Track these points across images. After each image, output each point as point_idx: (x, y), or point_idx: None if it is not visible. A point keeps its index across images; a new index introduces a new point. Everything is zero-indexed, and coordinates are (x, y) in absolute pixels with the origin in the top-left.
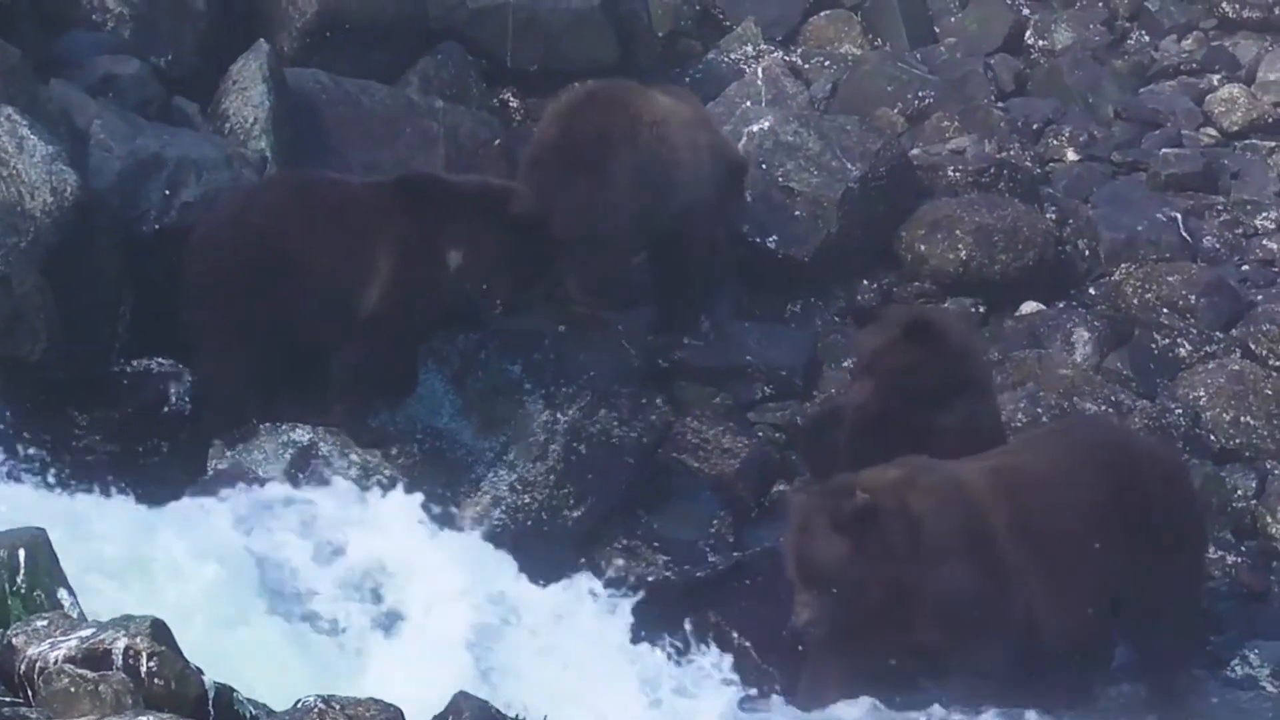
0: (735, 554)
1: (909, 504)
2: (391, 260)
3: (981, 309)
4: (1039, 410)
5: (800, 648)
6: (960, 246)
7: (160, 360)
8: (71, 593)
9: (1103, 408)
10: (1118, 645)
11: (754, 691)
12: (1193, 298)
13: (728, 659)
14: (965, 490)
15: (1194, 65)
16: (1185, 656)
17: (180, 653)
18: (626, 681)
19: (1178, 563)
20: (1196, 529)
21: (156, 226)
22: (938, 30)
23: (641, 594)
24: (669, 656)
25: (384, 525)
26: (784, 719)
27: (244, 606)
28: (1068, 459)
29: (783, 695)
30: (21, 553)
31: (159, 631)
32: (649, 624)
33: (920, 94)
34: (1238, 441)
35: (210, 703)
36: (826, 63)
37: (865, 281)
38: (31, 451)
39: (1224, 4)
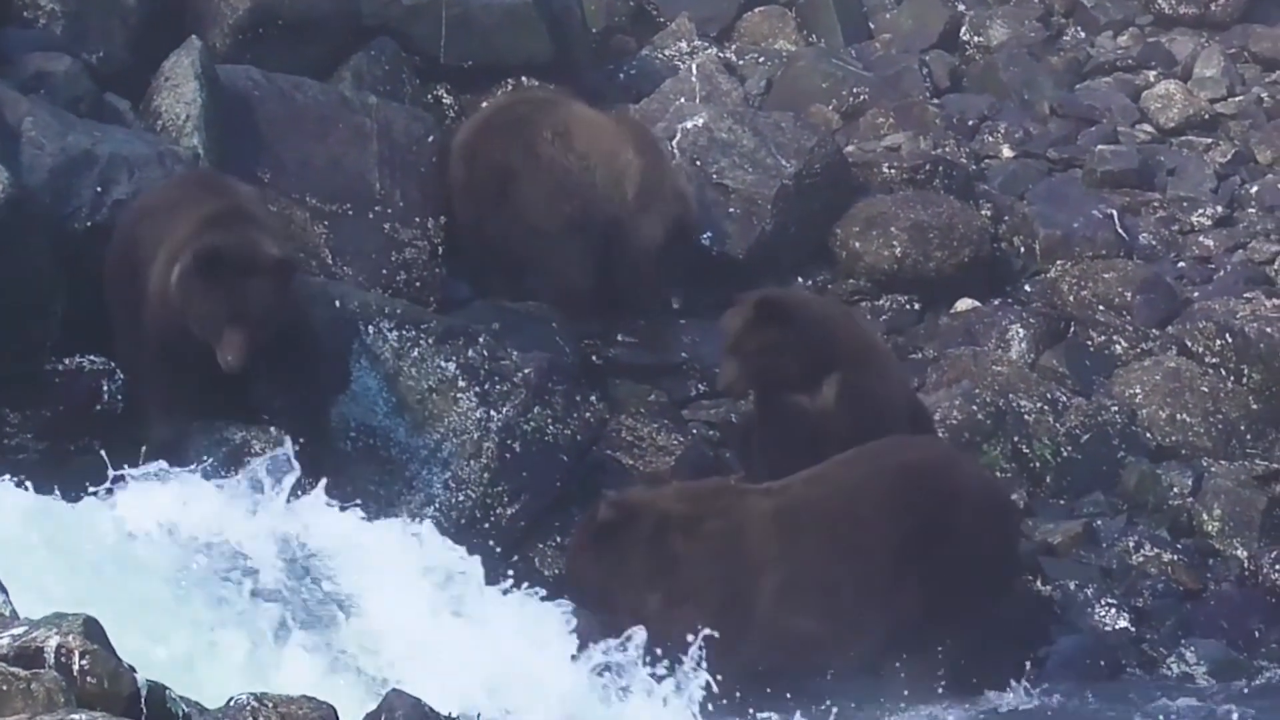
0: None
1: (662, 526)
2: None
3: (917, 306)
4: (974, 408)
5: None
6: (895, 243)
7: (93, 358)
8: (3, 590)
9: (1039, 405)
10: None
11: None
12: (1129, 295)
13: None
14: (751, 535)
15: (1130, 62)
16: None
17: (113, 651)
18: (560, 677)
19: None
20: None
21: (88, 224)
22: (873, 26)
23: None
24: (602, 652)
25: (317, 523)
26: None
27: (176, 603)
28: (865, 493)
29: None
30: None
31: (91, 630)
32: (582, 622)
33: (855, 90)
34: (1174, 439)
35: (143, 701)
36: (761, 59)
37: (800, 279)
38: None
39: (1160, 0)
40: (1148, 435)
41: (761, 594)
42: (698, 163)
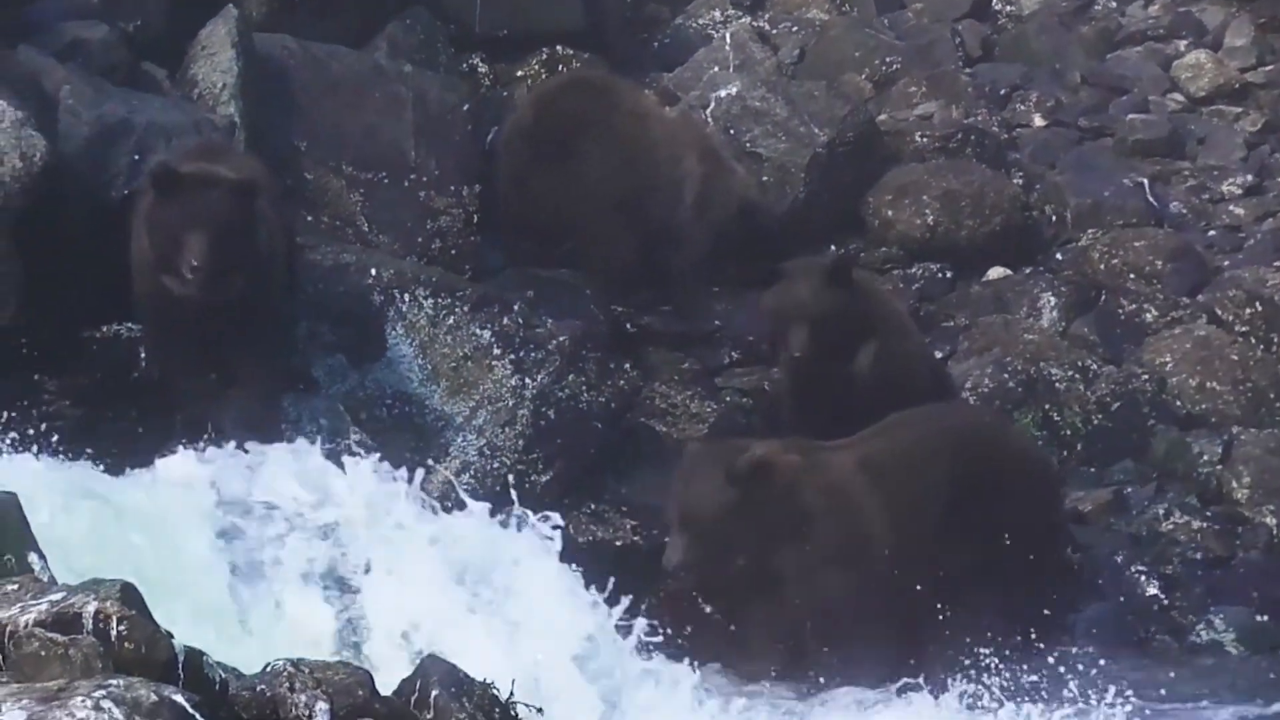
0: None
1: (800, 485)
2: None
3: (948, 274)
4: (1005, 376)
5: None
6: (927, 212)
7: (129, 325)
8: (42, 557)
9: (1069, 373)
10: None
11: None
12: (1159, 263)
13: (694, 623)
14: (847, 485)
15: (1161, 31)
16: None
17: (150, 616)
18: (593, 644)
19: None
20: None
21: (125, 192)
22: None
23: (608, 557)
24: (634, 620)
25: (351, 489)
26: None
27: (213, 569)
28: (929, 446)
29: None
30: None
31: (129, 595)
32: (615, 588)
33: (887, 59)
34: (1203, 407)
35: (180, 666)
36: (794, 28)
37: (832, 247)
38: (1, 416)
39: None
40: (1177, 403)
41: (873, 546)
42: (731, 131)
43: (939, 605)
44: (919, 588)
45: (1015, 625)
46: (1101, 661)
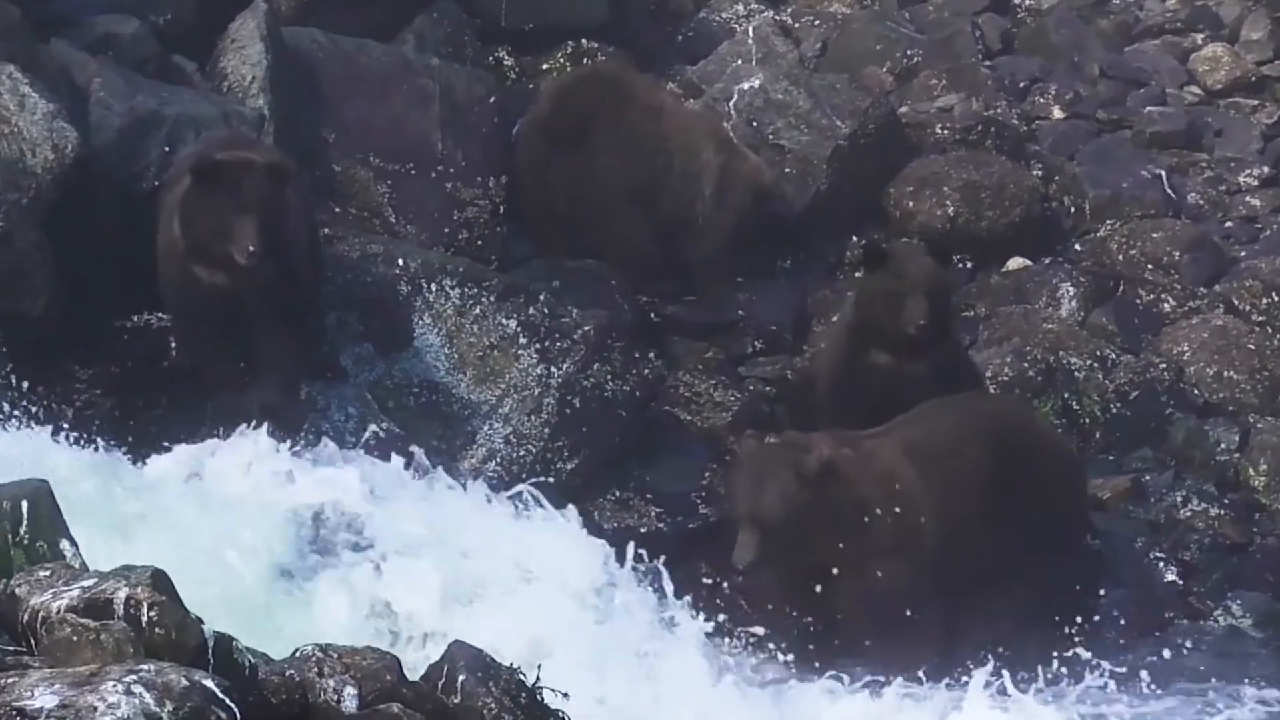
0: (726, 506)
1: (858, 477)
2: None
3: (969, 264)
4: (1025, 365)
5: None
6: (948, 203)
7: (159, 315)
8: (73, 543)
9: (1088, 362)
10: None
11: (741, 641)
12: (1176, 254)
13: (716, 609)
14: (897, 472)
15: (1178, 24)
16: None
17: (180, 602)
18: (616, 631)
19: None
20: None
21: (155, 183)
22: None
23: (633, 544)
24: (659, 606)
25: (381, 477)
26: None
27: (241, 556)
28: (965, 431)
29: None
30: (24, 504)
31: (159, 581)
32: (640, 574)
33: (909, 52)
34: (1221, 396)
35: (210, 651)
36: (816, 22)
37: (854, 238)
38: (33, 404)
39: None
40: (1195, 392)
41: (924, 532)
42: (754, 124)
43: (980, 586)
44: (963, 569)
45: (1043, 607)
46: (1122, 644)
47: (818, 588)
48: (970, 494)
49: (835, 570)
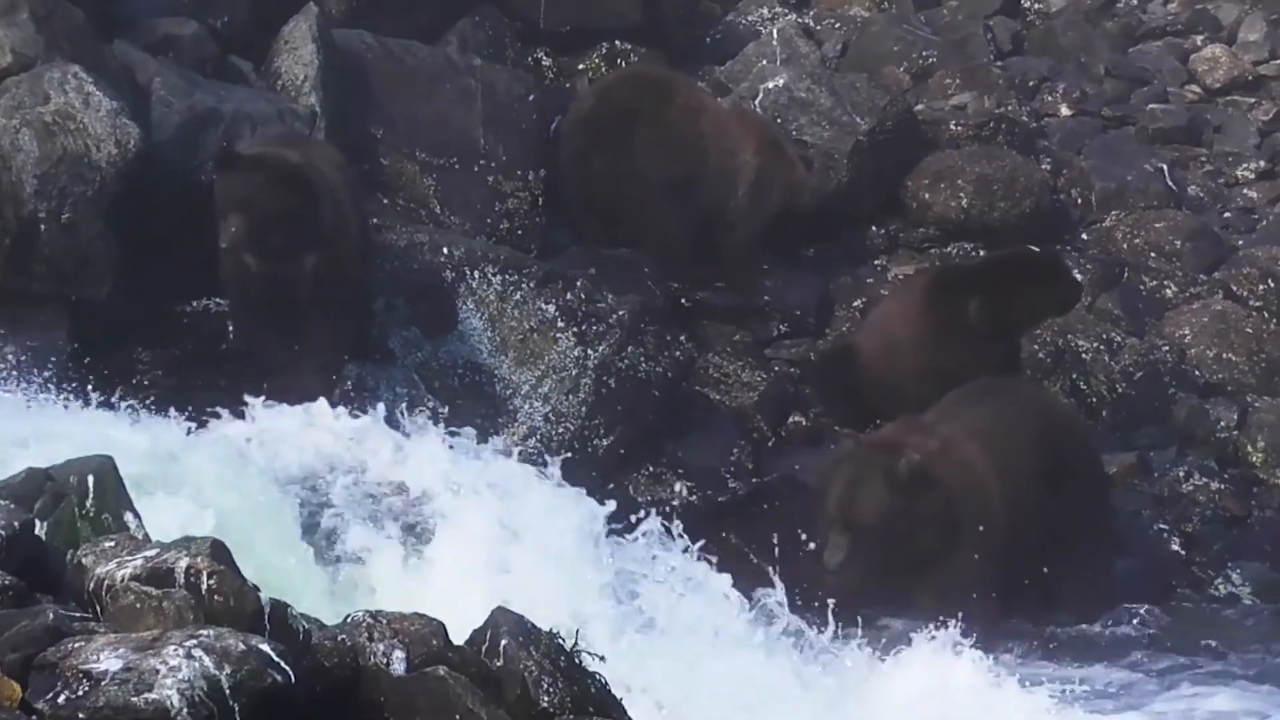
0: (754, 480)
1: (942, 472)
2: None
3: (982, 253)
4: (1035, 347)
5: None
6: (962, 195)
7: (217, 300)
8: (137, 515)
9: (1095, 345)
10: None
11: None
12: (1178, 242)
13: (745, 578)
14: (973, 461)
15: (1179, 27)
16: (1096, 590)
17: (238, 571)
18: (649, 598)
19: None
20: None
21: (213, 176)
22: None
23: (666, 516)
24: (691, 577)
25: (426, 452)
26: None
27: (296, 527)
28: (1013, 420)
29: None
30: (90, 479)
31: (218, 551)
32: (672, 545)
33: (924, 53)
34: (1220, 376)
35: (266, 617)
36: (837, 24)
37: (874, 228)
38: (99, 385)
39: None
40: (1196, 373)
41: (996, 514)
42: (779, 120)
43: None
44: (1020, 543)
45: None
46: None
47: (901, 574)
48: (1026, 474)
49: (920, 558)
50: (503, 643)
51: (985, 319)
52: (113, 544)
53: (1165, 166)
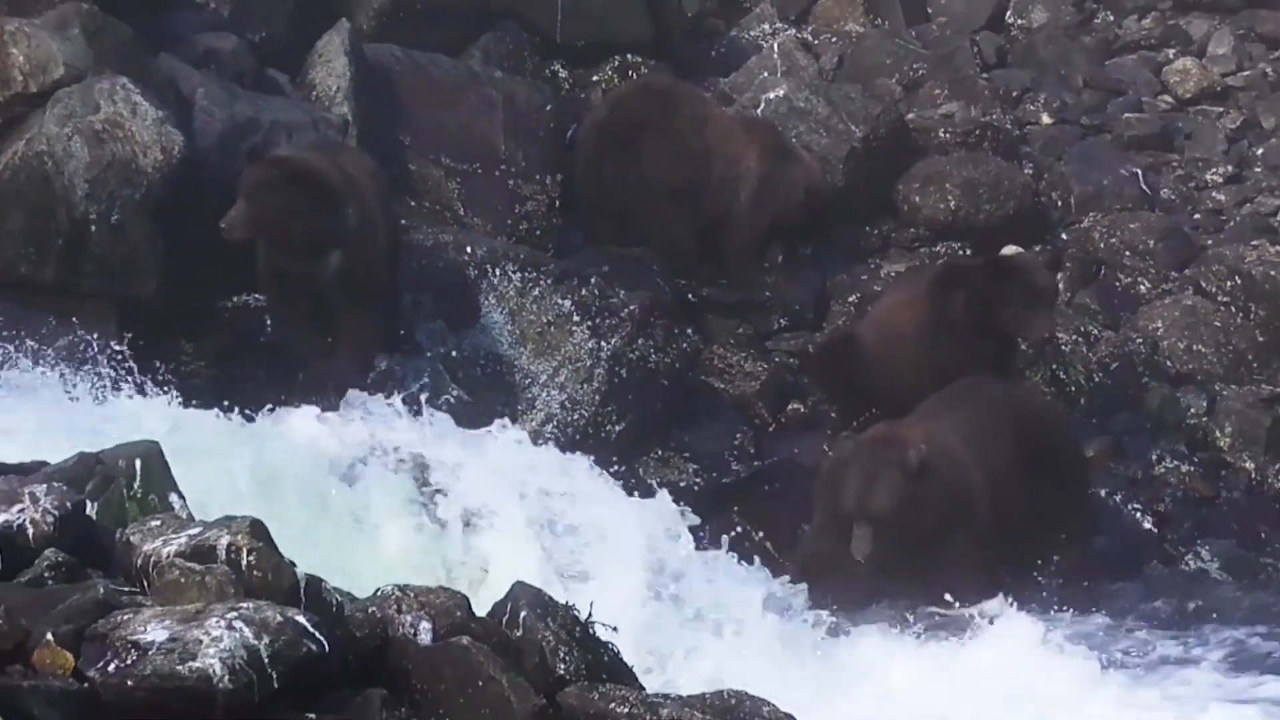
0: (755, 463)
1: (938, 461)
2: None
3: (968, 252)
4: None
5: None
6: (950, 198)
7: (255, 296)
8: (181, 496)
9: (1074, 337)
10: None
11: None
12: (1151, 242)
13: (748, 554)
14: (957, 455)
15: (1152, 41)
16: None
17: (275, 548)
18: (659, 572)
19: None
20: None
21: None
22: (929, 10)
23: (673, 497)
24: (697, 550)
25: (450, 437)
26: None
27: (329, 507)
28: (993, 417)
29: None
30: (138, 462)
31: (257, 530)
32: (680, 523)
33: (915, 66)
34: (1190, 367)
35: (302, 591)
36: (833, 39)
37: (868, 228)
38: (146, 375)
39: None
40: (1168, 363)
41: (979, 499)
42: (779, 128)
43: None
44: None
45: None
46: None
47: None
48: (1006, 465)
49: (924, 540)
50: (522, 614)
51: (971, 313)
52: (158, 523)
53: (1139, 171)
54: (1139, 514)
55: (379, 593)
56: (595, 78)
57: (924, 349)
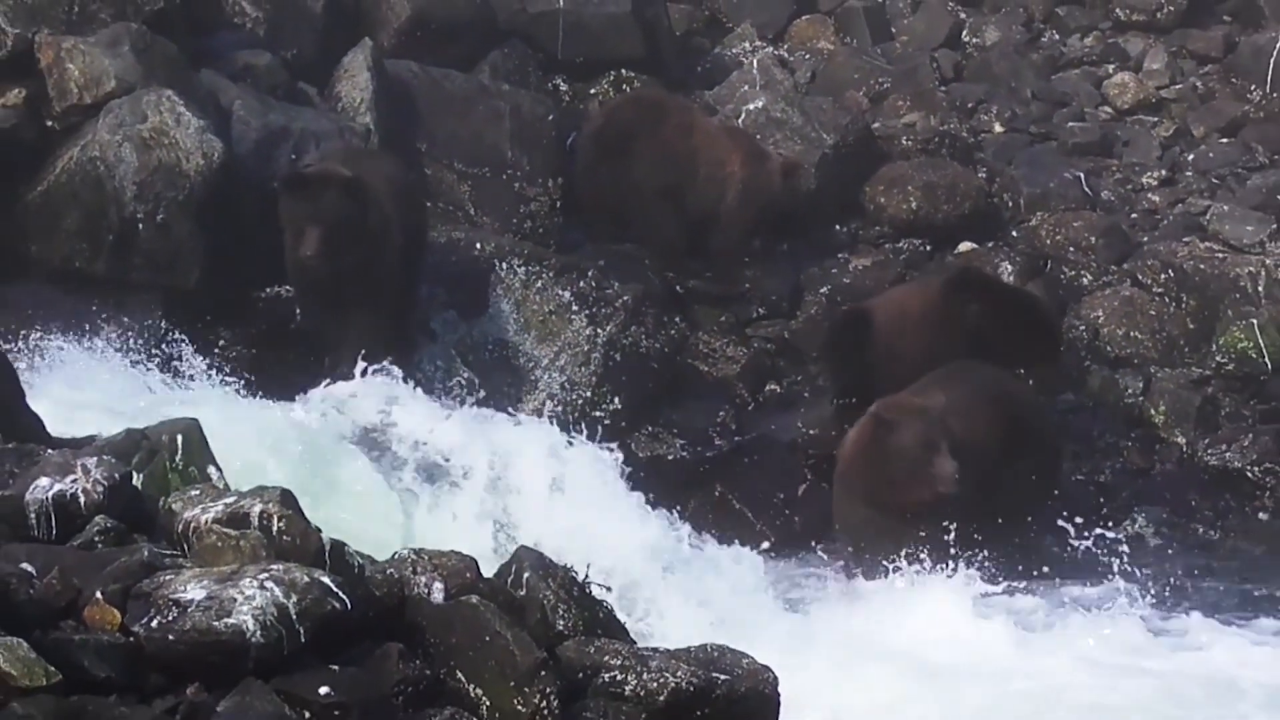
0: (737, 439)
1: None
2: None
3: (928, 248)
4: None
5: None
6: (911, 199)
7: (286, 288)
8: (218, 468)
9: None
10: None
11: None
12: (1093, 239)
13: (729, 520)
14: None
15: (1094, 58)
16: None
17: (303, 515)
18: (650, 536)
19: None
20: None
21: (282, 192)
22: (893, 30)
23: (663, 469)
24: (683, 518)
25: (461, 414)
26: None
27: (352, 478)
28: (976, 396)
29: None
30: (179, 438)
31: (286, 499)
32: (668, 492)
33: (880, 80)
34: (1128, 351)
35: (326, 554)
36: (807, 56)
37: (837, 227)
38: (187, 358)
39: (1118, 9)
40: (1108, 348)
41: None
42: (757, 136)
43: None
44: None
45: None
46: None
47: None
48: (984, 439)
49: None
50: (525, 575)
51: (979, 325)
52: (198, 492)
53: (1082, 175)
54: (1080, 484)
55: (396, 556)
56: (593, 91)
57: (926, 334)
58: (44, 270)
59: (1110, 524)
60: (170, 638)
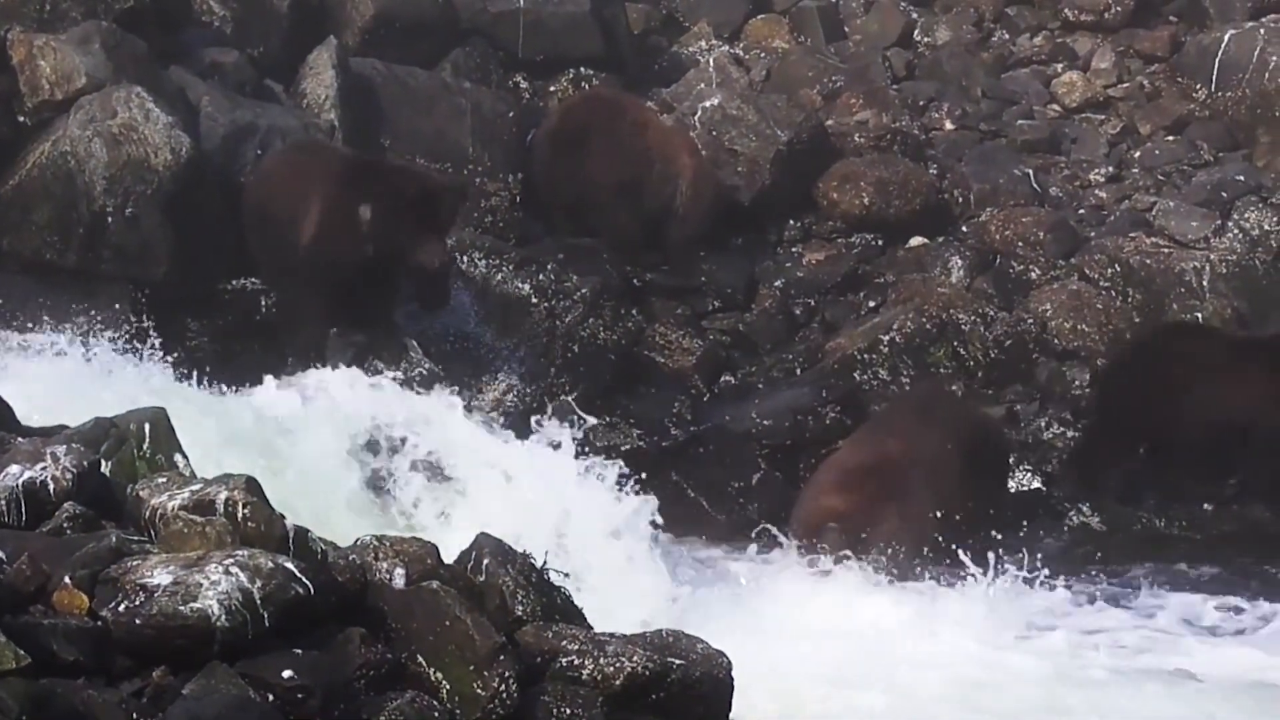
0: (692, 429)
1: None
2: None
3: (880, 242)
4: (923, 320)
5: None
6: (864, 194)
7: (253, 280)
8: (185, 456)
9: (973, 318)
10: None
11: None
12: (1041, 234)
13: (685, 508)
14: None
15: (1043, 57)
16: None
17: (268, 502)
18: (607, 524)
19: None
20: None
21: (252, 178)
22: (847, 30)
23: (620, 458)
24: (642, 504)
25: (423, 404)
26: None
27: (314, 466)
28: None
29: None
30: (147, 426)
31: (251, 486)
32: (626, 480)
33: (834, 78)
34: (1075, 344)
35: (290, 540)
36: (762, 54)
37: (791, 221)
38: (156, 349)
39: (1066, 10)
40: (1055, 341)
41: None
42: (714, 133)
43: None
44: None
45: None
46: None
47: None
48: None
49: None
50: (485, 562)
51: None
52: (165, 480)
53: (1031, 172)
54: (1029, 473)
55: (358, 542)
56: (553, 89)
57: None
58: (15, 262)
59: (1058, 513)
60: (137, 622)
